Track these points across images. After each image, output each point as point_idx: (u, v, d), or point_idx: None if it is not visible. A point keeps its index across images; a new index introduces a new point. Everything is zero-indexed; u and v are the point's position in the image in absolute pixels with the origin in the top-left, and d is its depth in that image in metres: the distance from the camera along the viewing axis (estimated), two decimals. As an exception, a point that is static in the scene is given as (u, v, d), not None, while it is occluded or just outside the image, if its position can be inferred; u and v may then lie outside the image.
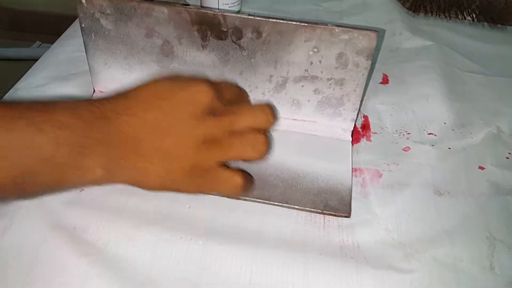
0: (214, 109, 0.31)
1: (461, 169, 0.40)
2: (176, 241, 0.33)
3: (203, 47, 0.40)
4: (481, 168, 0.40)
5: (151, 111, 0.30)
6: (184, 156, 0.30)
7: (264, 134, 0.32)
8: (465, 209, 0.36)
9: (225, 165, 0.32)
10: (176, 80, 0.32)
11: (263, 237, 0.33)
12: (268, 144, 0.32)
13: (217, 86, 0.32)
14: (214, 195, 0.34)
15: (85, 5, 0.40)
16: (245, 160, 0.32)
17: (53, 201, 0.34)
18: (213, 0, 0.57)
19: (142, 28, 0.40)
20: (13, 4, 1.71)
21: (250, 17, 0.37)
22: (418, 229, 0.35)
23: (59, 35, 0.59)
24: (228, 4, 0.57)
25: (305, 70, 0.40)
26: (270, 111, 0.33)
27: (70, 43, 0.56)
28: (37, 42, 1.66)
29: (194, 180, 0.31)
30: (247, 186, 0.32)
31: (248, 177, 0.33)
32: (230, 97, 0.34)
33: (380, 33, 0.36)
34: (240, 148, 0.31)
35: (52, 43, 0.57)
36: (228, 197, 0.35)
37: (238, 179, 0.31)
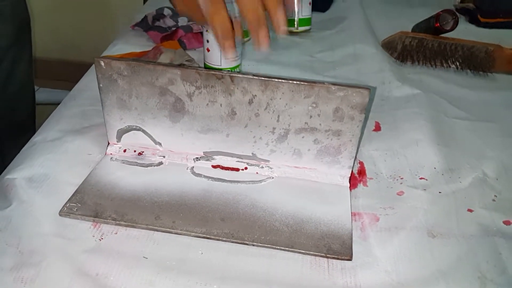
0: None
1: (451, 212, 0.43)
2: (192, 286, 0.35)
3: (212, 103, 0.44)
4: (470, 210, 0.44)
5: None
6: None
7: None
8: (457, 250, 0.39)
9: None
10: None
11: (272, 280, 0.36)
12: None
13: None
14: None
15: (104, 67, 0.44)
16: None
17: (75, 250, 0.37)
18: (215, 56, 0.62)
19: (157, 87, 0.44)
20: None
21: (254, 77, 0.42)
22: (415, 270, 0.37)
23: (56, 80, 0.63)
24: (229, 59, 0.62)
25: (305, 123, 0.44)
26: None
27: (81, 97, 0.60)
28: (35, 86, 1.71)
29: None
30: None
31: None
32: None
33: (371, 90, 0.40)
34: None
35: (49, 87, 0.61)
36: None
37: None
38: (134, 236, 0.39)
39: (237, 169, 0.47)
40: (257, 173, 0.47)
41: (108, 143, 0.49)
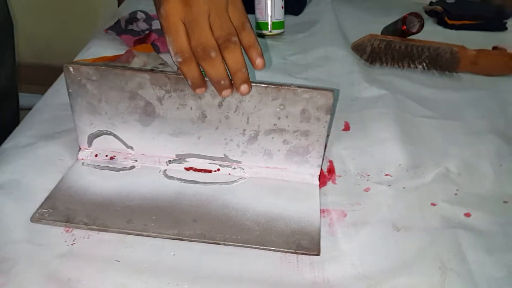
0: None
1: (415, 206, 0.45)
2: (163, 287, 0.36)
3: (183, 106, 0.45)
4: (433, 204, 0.46)
5: None
6: None
7: None
8: (420, 242, 0.41)
9: None
10: None
11: (243, 278, 0.37)
12: None
13: None
14: None
15: (73, 72, 0.44)
16: None
17: (47, 255, 0.37)
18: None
19: (126, 92, 0.44)
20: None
21: (223, 80, 0.42)
22: (380, 262, 0.39)
23: (34, 84, 0.62)
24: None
25: (274, 124, 0.45)
26: None
27: (53, 102, 0.59)
28: (14, 91, 1.69)
29: None
30: None
31: None
32: None
33: (336, 91, 0.41)
34: None
35: (28, 92, 0.60)
36: None
37: None
38: (106, 240, 0.40)
39: (210, 171, 0.48)
40: (229, 174, 0.48)
41: (80, 148, 0.49)
